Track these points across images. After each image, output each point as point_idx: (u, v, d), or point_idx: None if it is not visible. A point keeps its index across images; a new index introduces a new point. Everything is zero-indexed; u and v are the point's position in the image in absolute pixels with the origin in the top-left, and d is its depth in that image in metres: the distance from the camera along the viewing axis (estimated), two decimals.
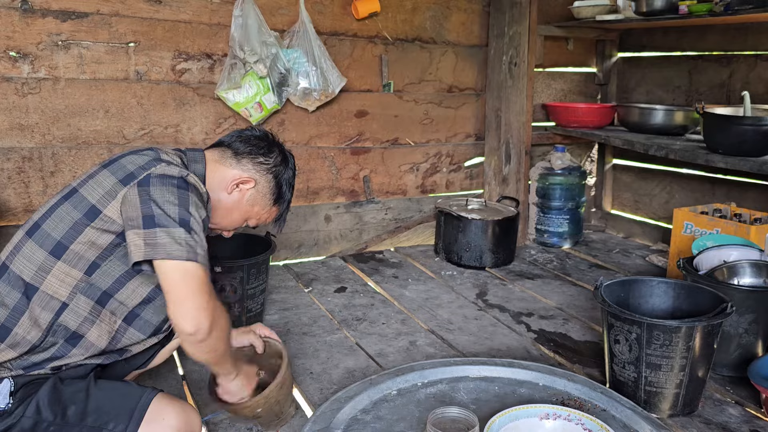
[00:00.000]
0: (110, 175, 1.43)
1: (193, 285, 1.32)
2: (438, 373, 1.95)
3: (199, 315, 1.32)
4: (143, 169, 1.41)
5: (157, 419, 1.38)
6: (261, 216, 1.69)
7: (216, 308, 1.36)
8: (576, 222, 3.67)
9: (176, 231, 1.32)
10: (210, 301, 1.34)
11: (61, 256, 1.38)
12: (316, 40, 2.97)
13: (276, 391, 1.66)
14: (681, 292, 2.10)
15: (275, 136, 1.72)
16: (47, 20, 2.58)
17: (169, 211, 1.34)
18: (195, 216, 1.38)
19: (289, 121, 3.16)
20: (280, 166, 1.66)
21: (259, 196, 1.64)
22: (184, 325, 1.32)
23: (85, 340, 1.42)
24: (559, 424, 1.63)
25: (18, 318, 1.37)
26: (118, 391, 1.41)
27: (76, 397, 1.37)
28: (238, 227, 1.69)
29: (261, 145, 1.64)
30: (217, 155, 1.61)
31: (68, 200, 1.43)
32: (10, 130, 2.60)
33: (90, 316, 1.41)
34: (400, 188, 3.58)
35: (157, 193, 1.36)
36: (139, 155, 1.48)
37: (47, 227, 1.41)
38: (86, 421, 1.35)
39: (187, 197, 1.38)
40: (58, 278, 1.38)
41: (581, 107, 3.67)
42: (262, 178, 1.63)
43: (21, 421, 1.33)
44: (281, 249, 3.23)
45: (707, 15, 2.88)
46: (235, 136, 1.65)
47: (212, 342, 1.36)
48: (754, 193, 3.19)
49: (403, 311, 2.72)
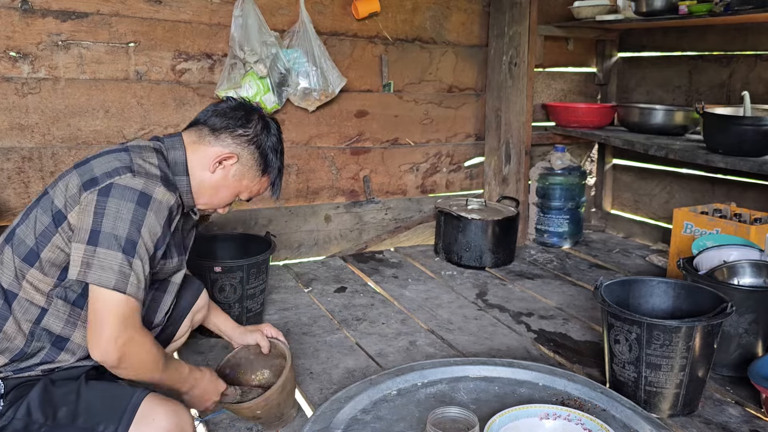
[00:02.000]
0: (77, 178, 1.39)
1: (110, 316, 1.30)
2: (438, 373, 1.95)
3: (107, 347, 1.30)
4: (108, 176, 1.36)
5: (147, 420, 1.36)
6: (252, 189, 1.61)
7: (131, 342, 1.32)
8: (576, 222, 3.67)
9: (114, 256, 1.30)
10: (124, 335, 1.31)
11: (34, 264, 1.37)
12: (316, 40, 2.97)
13: (277, 394, 1.65)
14: (681, 292, 2.10)
15: (253, 103, 1.64)
16: (47, 20, 2.58)
17: (117, 231, 1.31)
18: (145, 238, 1.34)
19: (289, 121, 3.16)
20: (261, 134, 1.58)
21: (245, 170, 1.56)
22: (93, 352, 1.32)
23: (71, 343, 1.42)
24: (559, 424, 1.63)
25: (2, 324, 1.37)
26: (109, 392, 1.40)
27: (67, 398, 1.36)
28: (231, 202, 1.63)
29: (238, 116, 1.56)
30: (195, 135, 1.55)
31: (39, 203, 1.42)
32: (10, 130, 2.60)
33: (71, 319, 1.41)
34: (400, 188, 3.58)
35: (113, 207, 1.32)
36: (110, 157, 1.42)
37: (21, 233, 1.40)
38: (77, 422, 1.34)
39: (143, 216, 1.34)
40: (33, 285, 1.37)
41: (581, 107, 3.67)
42: (245, 151, 1.55)
43: (12, 423, 1.32)
44: (281, 249, 3.23)
45: (707, 15, 2.88)
46: (210, 112, 1.58)
47: (126, 371, 1.35)
48: (754, 193, 3.19)
49: (403, 311, 2.72)
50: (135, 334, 1.34)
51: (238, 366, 1.82)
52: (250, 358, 1.83)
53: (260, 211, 3.17)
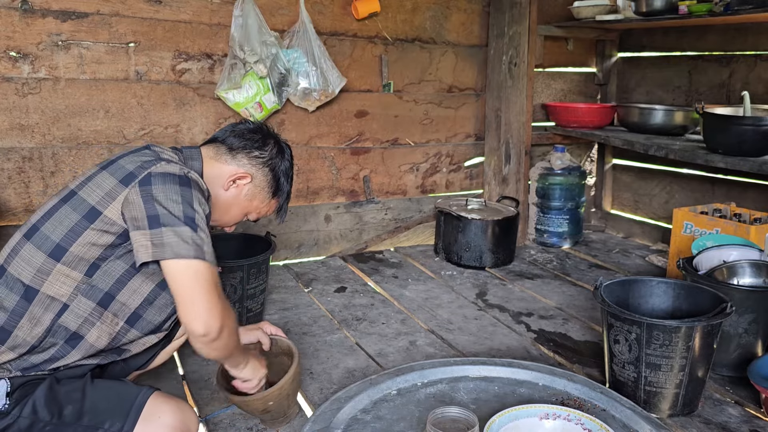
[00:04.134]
0: (110, 176, 1.41)
1: (202, 285, 1.31)
2: (438, 373, 1.95)
3: (210, 316, 1.31)
4: (143, 168, 1.40)
5: (153, 418, 1.38)
6: (261, 209, 1.67)
7: (225, 307, 1.36)
8: (576, 222, 3.67)
9: (182, 230, 1.32)
10: (219, 301, 1.34)
11: (61, 258, 1.37)
12: (316, 40, 2.97)
13: (288, 384, 1.67)
14: (681, 292, 2.10)
15: (269, 128, 1.69)
16: (47, 20, 2.58)
17: (173, 210, 1.33)
18: (199, 212, 1.37)
19: (289, 121, 3.16)
20: (276, 158, 1.64)
21: (257, 191, 1.63)
22: (195, 327, 1.31)
23: (85, 342, 1.42)
24: (558, 424, 1.63)
25: (17, 320, 1.37)
26: (115, 390, 1.41)
27: (73, 396, 1.37)
28: (239, 222, 1.68)
29: (255, 138, 1.62)
30: (212, 152, 1.59)
31: (67, 203, 1.42)
32: (11, 130, 2.60)
33: (91, 318, 1.41)
34: (400, 188, 3.58)
35: (160, 192, 1.35)
36: (138, 155, 1.46)
37: (46, 230, 1.40)
38: (82, 420, 1.35)
39: (191, 194, 1.37)
40: (59, 280, 1.37)
41: (581, 107, 3.67)
42: (259, 172, 1.61)
43: (18, 421, 1.32)
44: (281, 249, 3.23)
45: (707, 15, 2.89)
46: (228, 131, 1.63)
47: (223, 341, 1.37)
48: (753, 193, 3.19)
49: (403, 311, 2.72)
50: (226, 302, 1.37)
51: None
52: None
53: None
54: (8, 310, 1.37)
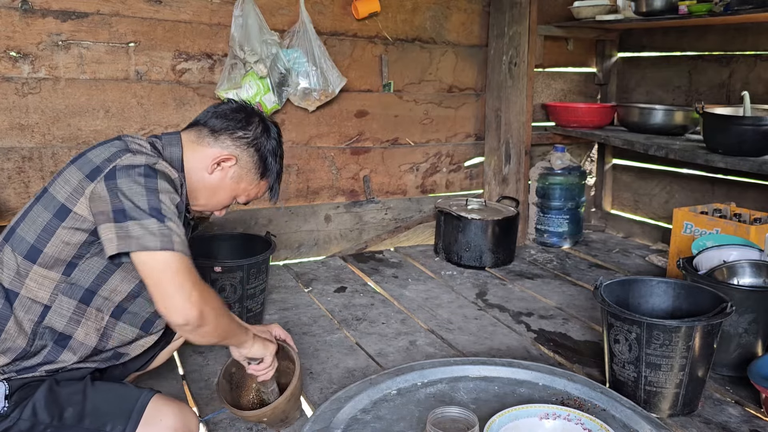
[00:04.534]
0: (77, 171, 1.38)
1: (173, 275, 1.28)
2: (438, 373, 1.95)
3: (185, 305, 1.28)
4: (109, 161, 1.36)
5: (154, 420, 1.37)
6: (249, 192, 1.61)
7: (202, 293, 1.32)
8: (576, 222, 3.67)
9: (148, 222, 1.28)
10: (194, 289, 1.30)
11: (36, 260, 1.35)
12: (316, 40, 2.97)
13: (284, 403, 1.66)
14: (681, 291, 2.10)
15: (253, 106, 1.63)
16: (47, 20, 2.58)
17: (138, 203, 1.30)
18: (166, 203, 1.33)
19: (289, 121, 3.16)
20: (261, 137, 1.57)
21: (244, 172, 1.56)
22: (174, 318, 1.29)
23: (74, 341, 1.40)
24: (558, 423, 1.63)
25: (4, 324, 1.35)
26: (116, 392, 1.40)
27: (73, 399, 1.36)
28: (228, 205, 1.63)
29: (238, 118, 1.55)
30: (194, 135, 1.54)
31: (39, 201, 1.40)
32: (11, 129, 2.60)
33: (75, 316, 1.39)
34: (400, 188, 3.58)
35: (125, 185, 1.31)
36: (106, 147, 1.42)
37: (21, 231, 1.39)
38: (83, 423, 1.34)
39: (155, 185, 1.33)
40: (37, 282, 1.36)
41: (581, 107, 3.67)
42: (244, 153, 1.55)
43: (18, 424, 1.32)
44: (281, 249, 3.23)
45: (707, 15, 2.89)
46: (210, 113, 1.57)
47: (209, 325, 1.34)
48: (753, 193, 3.19)
49: (402, 311, 2.72)
50: (202, 286, 1.33)
51: None
52: None
53: (260, 211, 3.17)
54: None
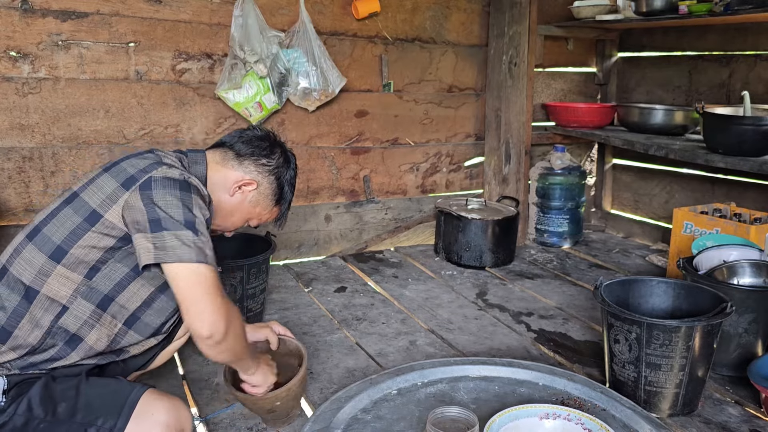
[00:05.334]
0: (111, 179, 1.42)
1: (205, 288, 1.32)
2: (438, 373, 1.95)
3: (214, 318, 1.32)
4: (144, 172, 1.41)
5: (146, 415, 1.37)
6: (263, 216, 1.69)
7: (229, 308, 1.37)
8: (576, 222, 3.67)
9: (184, 234, 1.33)
10: (223, 303, 1.35)
11: (61, 260, 1.38)
12: (316, 40, 2.97)
13: (297, 385, 1.68)
14: (681, 291, 2.10)
15: (277, 136, 1.71)
16: (47, 20, 2.58)
17: (174, 214, 1.34)
18: (199, 217, 1.38)
19: (289, 121, 3.16)
20: (282, 167, 1.66)
21: (261, 198, 1.64)
22: (201, 330, 1.32)
23: (84, 343, 1.42)
24: (558, 423, 1.63)
25: (18, 321, 1.37)
26: (108, 387, 1.41)
27: (67, 394, 1.37)
28: (240, 227, 1.70)
29: (263, 146, 1.63)
30: (219, 157, 1.60)
31: (69, 205, 1.43)
32: (11, 129, 2.60)
33: (90, 320, 1.41)
34: (400, 188, 3.58)
35: (160, 197, 1.36)
36: (140, 158, 1.47)
37: (47, 231, 1.41)
38: (76, 417, 1.35)
39: (190, 199, 1.38)
40: (59, 282, 1.38)
41: (581, 107, 3.67)
42: (264, 180, 1.63)
43: (13, 418, 1.33)
44: (281, 249, 3.23)
45: (707, 15, 2.89)
46: (236, 137, 1.64)
47: (229, 343, 1.38)
48: (753, 193, 3.19)
49: (403, 311, 2.72)
50: (230, 302, 1.38)
51: None
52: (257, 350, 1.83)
53: None
54: (9, 311, 1.38)
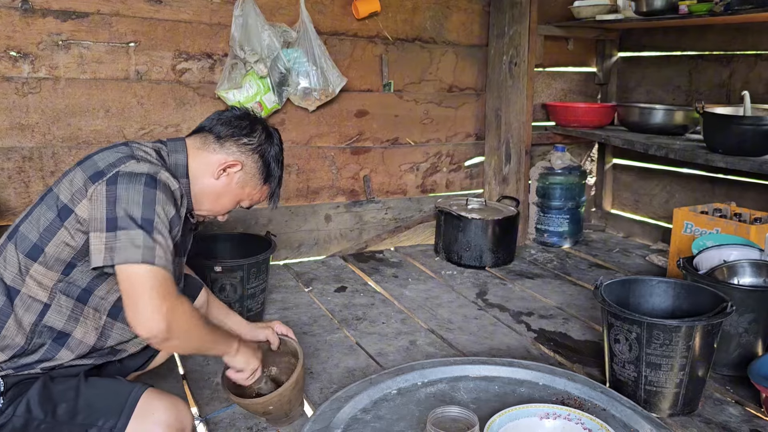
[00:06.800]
0: (82, 173, 1.40)
1: (145, 288, 1.29)
2: (438, 373, 1.95)
3: (151, 319, 1.28)
4: (113, 166, 1.38)
5: (146, 414, 1.36)
6: (253, 196, 1.65)
7: (173, 308, 1.32)
8: (576, 221, 3.67)
9: (136, 233, 1.30)
10: (164, 304, 1.30)
11: (38, 258, 1.37)
12: (316, 40, 2.97)
13: (290, 390, 1.67)
14: (681, 291, 2.10)
15: (256, 113, 1.67)
16: (47, 20, 2.58)
17: (132, 212, 1.32)
18: (160, 215, 1.35)
19: (290, 120, 3.16)
20: (265, 143, 1.62)
21: (248, 177, 1.60)
22: (140, 331, 1.30)
23: (72, 339, 1.42)
24: (559, 423, 1.63)
25: (4, 321, 1.37)
26: (108, 387, 1.40)
27: (66, 395, 1.36)
28: (231, 209, 1.66)
29: (243, 125, 1.59)
30: (199, 142, 1.57)
31: (44, 201, 1.42)
32: (11, 129, 2.60)
33: (73, 315, 1.41)
34: (400, 188, 3.58)
35: (123, 192, 1.33)
36: (112, 152, 1.44)
37: (24, 229, 1.41)
38: (76, 418, 1.35)
39: (154, 195, 1.35)
40: (36, 280, 1.37)
41: (581, 107, 3.67)
42: (249, 159, 1.59)
43: (12, 420, 1.32)
44: (281, 248, 3.23)
45: (707, 15, 2.89)
46: (215, 119, 1.61)
47: (177, 340, 1.34)
48: (754, 193, 3.19)
49: (403, 311, 2.72)
50: (175, 300, 1.33)
51: None
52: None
53: (260, 210, 3.17)
54: None
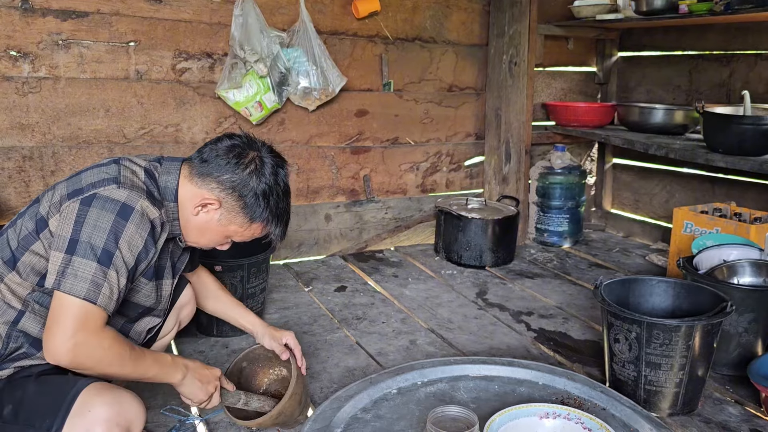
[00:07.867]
0: (65, 188, 1.39)
1: (67, 317, 1.26)
2: (438, 372, 1.95)
3: (60, 348, 1.25)
4: (93, 186, 1.36)
5: (83, 412, 1.30)
6: (243, 234, 1.53)
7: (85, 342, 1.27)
8: (576, 221, 3.67)
9: (89, 265, 1.28)
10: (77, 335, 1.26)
11: (13, 268, 1.38)
12: (316, 40, 2.97)
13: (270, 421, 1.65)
14: (681, 291, 2.10)
15: (254, 142, 1.53)
16: (47, 20, 2.58)
17: (94, 241, 1.29)
18: (123, 250, 1.32)
19: (290, 120, 3.16)
20: (250, 179, 1.47)
21: (231, 216, 1.49)
22: (46, 355, 1.28)
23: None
24: (558, 423, 1.63)
25: None
26: (54, 386, 1.36)
27: (14, 395, 1.35)
28: (222, 244, 1.57)
29: (228, 158, 1.47)
30: (187, 170, 1.49)
31: (28, 210, 1.43)
32: (11, 129, 2.60)
33: None
34: (400, 187, 3.58)
35: (93, 216, 1.31)
36: (100, 170, 1.41)
37: (7, 237, 1.42)
38: (18, 419, 1.33)
39: (122, 228, 1.32)
40: (10, 288, 1.38)
41: (581, 106, 3.67)
42: (229, 197, 1.47)
43: None
44: (281, 248, 3.23)
45: (707, 14, 2.89)
46: (207, 150, 1.50)
47: (85, 371, 1.31)
48: (754, 193, 3.19)
49: (403, 310, 2.72)
50: (90, 336, 1.28)
51: (256, 360, 1.84)
52: (269, 355, 1.83)
53: None
54: None
